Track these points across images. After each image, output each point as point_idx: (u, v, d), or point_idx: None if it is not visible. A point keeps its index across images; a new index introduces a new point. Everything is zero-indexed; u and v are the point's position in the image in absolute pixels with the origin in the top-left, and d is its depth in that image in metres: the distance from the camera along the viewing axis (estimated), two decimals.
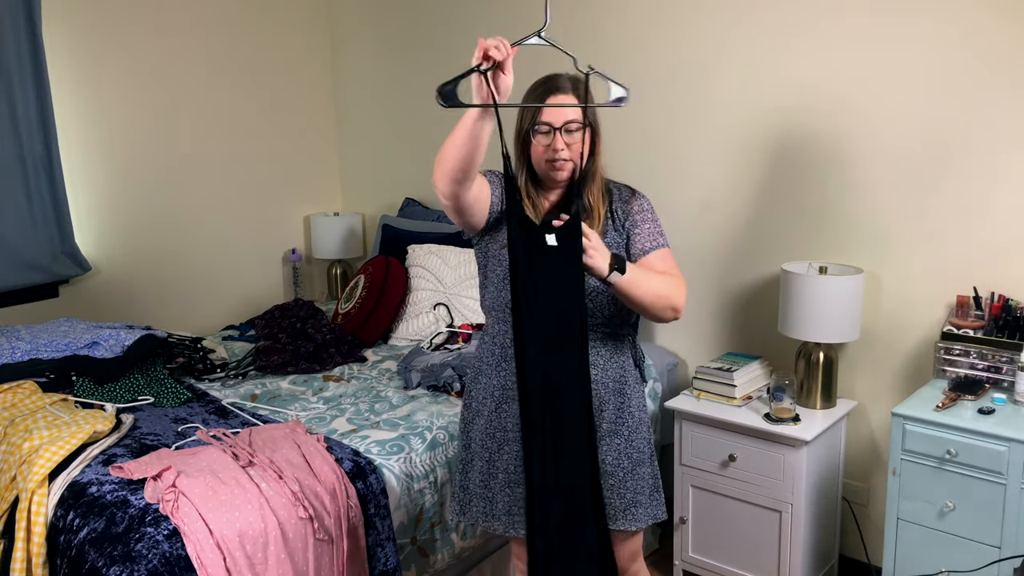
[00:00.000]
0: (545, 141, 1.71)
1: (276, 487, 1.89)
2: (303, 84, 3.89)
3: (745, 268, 2.78)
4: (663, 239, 1.81)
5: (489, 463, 1.83)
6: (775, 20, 2.58)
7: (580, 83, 1.72)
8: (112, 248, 3.29)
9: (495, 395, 1.82)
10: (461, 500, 1.90)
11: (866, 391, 2.58)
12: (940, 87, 2.31)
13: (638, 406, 1.85)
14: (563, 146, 1.69)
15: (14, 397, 2.33)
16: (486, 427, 1.83)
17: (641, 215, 1.80)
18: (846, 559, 2.68)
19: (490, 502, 1.83)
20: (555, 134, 1.69)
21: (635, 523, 1.81)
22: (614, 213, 1.80)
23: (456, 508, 1.91)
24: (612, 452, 1.79)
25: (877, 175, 2.46)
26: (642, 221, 1.80)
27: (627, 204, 1.81)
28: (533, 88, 1.75)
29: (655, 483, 1.86)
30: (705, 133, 2.80)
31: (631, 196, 1.83)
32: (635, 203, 1.81)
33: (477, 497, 1.85)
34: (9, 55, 2.87)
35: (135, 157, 3.32)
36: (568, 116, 1.69)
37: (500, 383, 1.81)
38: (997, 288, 2.28)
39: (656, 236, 1.80)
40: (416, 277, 3.20)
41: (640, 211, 1.81)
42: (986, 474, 1.99)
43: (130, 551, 1.69)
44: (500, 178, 1.80)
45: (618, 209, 1.80)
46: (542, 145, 1.72)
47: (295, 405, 2.50)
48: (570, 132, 1.70)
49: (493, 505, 1.83)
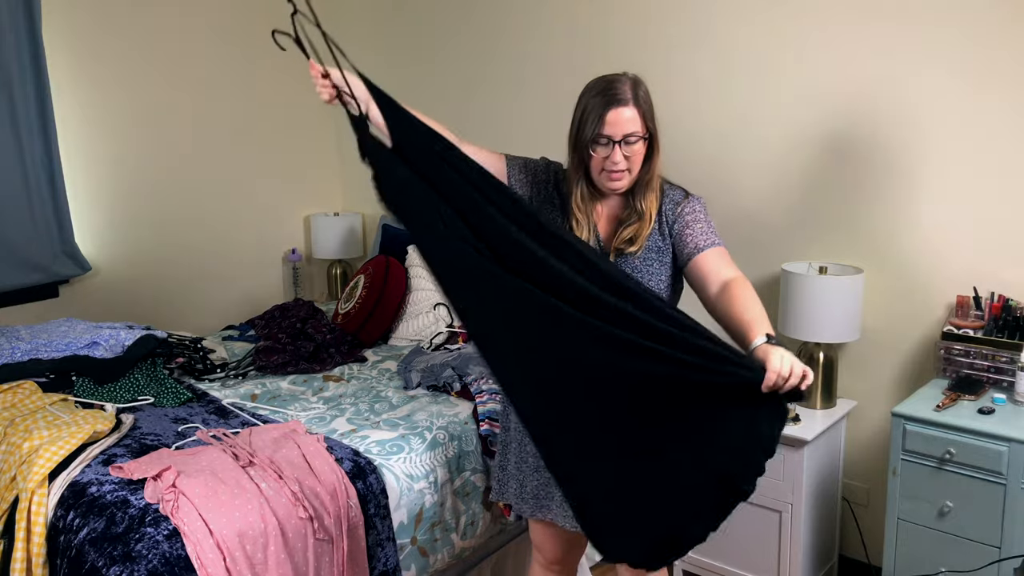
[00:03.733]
0: (604, 153, 1.68)
1: (276, 487, 1.89)
2: (303, 84, 3.87)
3: (745, 268, 2.75)
4: (717, 238, 1.77)
5: (520, 445, 1.87)
6: (776, 20, 2.58)
7: (640, 88, 1.68)
8: (112, 248, 3.29)
9: None
10: (500, 480, 1.95)
11: (866, 391, 2.58)
12: (940, 88, 2.31)
13: None
14: (621, 159, 1.67)
15: (14, 397, 2.33)
16: None
17: (692, 215, 1.77)
18: (846, 559, 2.68)
19: (521, 484, 1.88)
20: (614, 147, 1.66)
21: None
22: (663, 215, 1.78)
23: (496, 488, 1.97)
24: None
25: (877, 175, 2.46)
26: (694, 221, 1.76)
27: (677, 206, 1.78)
28: (593, 92, 1.69)
29: None
30: (705, 133, 2.80)
31: (683, 198, 1.79)
32: (686, 205, 1.78)
33: (512, 478, 1.90)
34: (9, 55, 2.87)
35: (135, 157, 3.32)
36: (628, 129, 1.65)
37: None
38: (997, 288, 2.28)
39: (710, 235, 1.76)
40: (416, 277, 3.20)
41: (691, 212, 1.77)
42: (986, 474, 1.99)
43: (130, 551, 1.69)
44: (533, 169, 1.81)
45: (668, 211, 1.78)
46: (601, 157, 1.69)
47: (295, 405, 2.50)
48: (629, 144, 1.67)
49: (523, 488, 1.88)
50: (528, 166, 1.83)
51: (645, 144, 1.69)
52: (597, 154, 1.69)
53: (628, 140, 1.66)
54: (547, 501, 1.84)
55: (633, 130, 1.66)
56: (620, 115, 1.65)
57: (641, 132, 1.67)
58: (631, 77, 1.70)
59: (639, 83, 1.70)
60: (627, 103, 1.65)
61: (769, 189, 2.69)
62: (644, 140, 1.68)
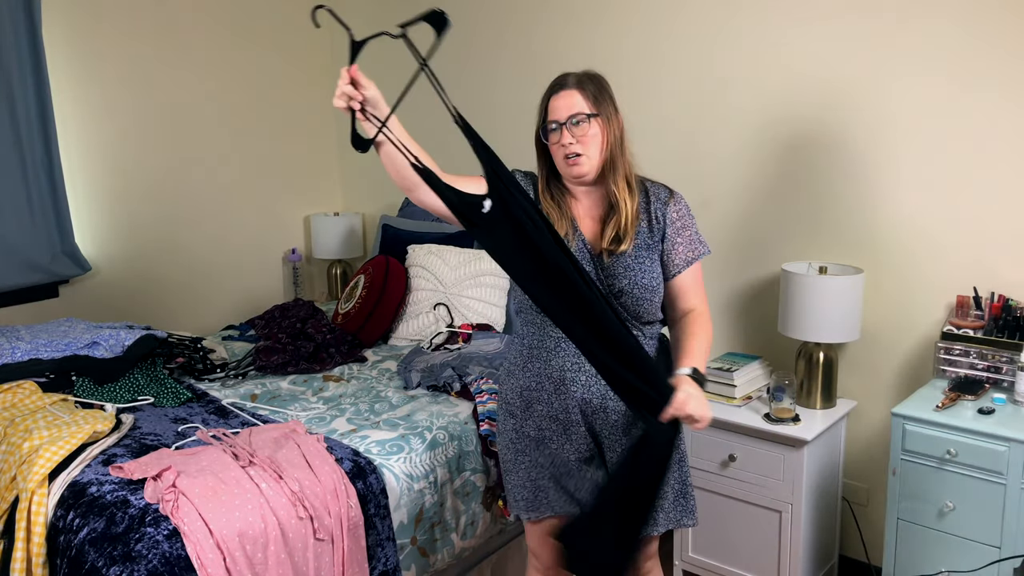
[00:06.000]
0: (555, 139, 1.72)
1: (276, 487, 1.89)
2: (303, 84, 3.89)
3: (745, 268, 2.78)
4: (703, 246, 1.82)
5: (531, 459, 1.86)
6: (776, 21, 2.58)
7: (588, 78, 1.73)
8: (112, 248, 3.29)
9: (523, 396, 1.85)
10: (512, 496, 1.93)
11: (866, 391, 2.58)
12: (941, 88, 2.31)
13: None
14: (571, 140, 1.70)
15: (14, 397, 2.33)
16: (519, 427, 1.86)
17: (681, 221, 1.79)
18: (846, 559, 2.68)
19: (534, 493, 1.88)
20: (562, 130, 1.70)
21: (655, 528, 1.82)
22: (651, 215, 1.78)
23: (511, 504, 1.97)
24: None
25: (877, 175, 2.46)
26: (683, 228, 1.79)
27: (665, 205, 1.79)
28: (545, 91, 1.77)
29: (682, 489, 1.85)
30: (704, 132, 2.80)
31: (669, 197, 1.80)
32: (673, 207, 1.79)
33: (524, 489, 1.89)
34: (9, 55, 2.87)
35: (135, 157, 3.32)
36: (572, 110, 1.69)
37: (526, 384, 1.84)
38: (997, 288, 2.28)
39: (697, 244, 1.80)
40: (416, 277, 3.20)
41: (680, 217, 1.79)
42: (986, 474, 1.99)
43: (130, 551, 1.69)
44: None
45: (657, 210, 1.78)
46: (554, 144, 1.73)
47: (295, 405, 2.50)
48: (577, 125, 1.69)
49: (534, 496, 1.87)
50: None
51: (599, 126, 1.71)
52: (551, 141, 1.74)
53: (574, 121, 1.69)
54: (545, 500, 1.85)
55: (577, 111, 1.70)
56: (562, 98, 1.71)
57: (587, 111, 1.70)
58: (583, 70, 1.75)
59: (589, 74, 1.75)
60: (569, 87, 1.72)
61: (769, 189, 2.68)
62: (593, 120, 1.70)
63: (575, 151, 1.70)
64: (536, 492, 1.86)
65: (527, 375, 1.84)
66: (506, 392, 1.90)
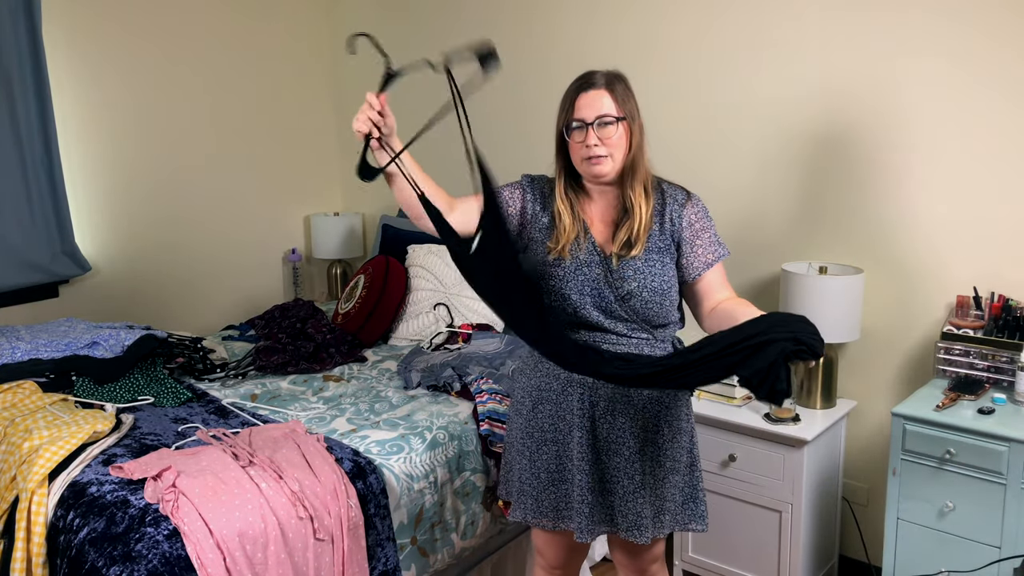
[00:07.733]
0: (579, 137, 1.69)
1: (276, 487, 1.89)
2: (303, 84, 3.89)
3: (745, 268, 2.78)
4: (723, 247, 1.78)
5: (531, 461, 1.85)
6: (776, 21, 2.58)
7: (616, 79, 1.71)
8: (112, 248, 3.29)
9: (532, 395, 1.84)
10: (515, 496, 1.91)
11: (866, 391, 2.58)
12: (942, 88, 2.31)
13: (681, 415, 1.79)
14: (596, 141, 1.67)
15: (14, 397, 2.33)
16: (525, 426, 1.86)
17: (700, 223, 1.76)
18: (846, 559, 2.68)
19: (536, 500, 1.85)
20: (588, 130, 1.67)
21: (660, 531, 1.80)
22: (665, 217, 1.75)
23: (503, 487, 1.97)
24: (648, 461, 1.77)
25: (877, 175, 2.46)
26: (702, 230, 1.76)
27: (682, 207, 1.76)
28: (570, 85, 1.73)
29: (692, 493, 1.84)
30: (705, 133, 2.80)
31: (686, 200, 1.77)
32: (690, 209, 1.76)
33: (524, 495, 1.87)
34: (9, 55, 2.87)
35: (135, 157, 3.32)
36: (600, 111, 1.67)
37: (536, 384, 1.84)
38: (997, 288, 2.28)
39: (716, 246, 1.77)
40: (416, 277, 3.20)
41: (698, 219, 1.76)
42: (986, 474, 1.99)
43: (130, 551, 1.69)
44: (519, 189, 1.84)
45: (673, 212, 1.75)
46: (577, 142, 1.70)
47: (295, 405, 2.50)
48: (604, 126, 1.67)
49: (540, 503, 1.85)
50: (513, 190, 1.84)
51: (623, 129, 1.69)
52: (574, 139, 1.70)
53: (602, 122, 1.67)
54: (567, 511, 1.81)
55: (606, 112, 1.67)
56: (590, 97, 1.68)
57: (615, 114, 1.67)
58: (609, 70, 1.72)
59: (617, 74, 1.72)
60: (598, 87, 1.68)
61: (769, 189, 2.69)
62: (620, 123, 1.68)
63: (599, 153, 1.68)
64: (538, 497, 1.85)
65: (538, 375, 1.83)
66: (517, 391, 1.90)
